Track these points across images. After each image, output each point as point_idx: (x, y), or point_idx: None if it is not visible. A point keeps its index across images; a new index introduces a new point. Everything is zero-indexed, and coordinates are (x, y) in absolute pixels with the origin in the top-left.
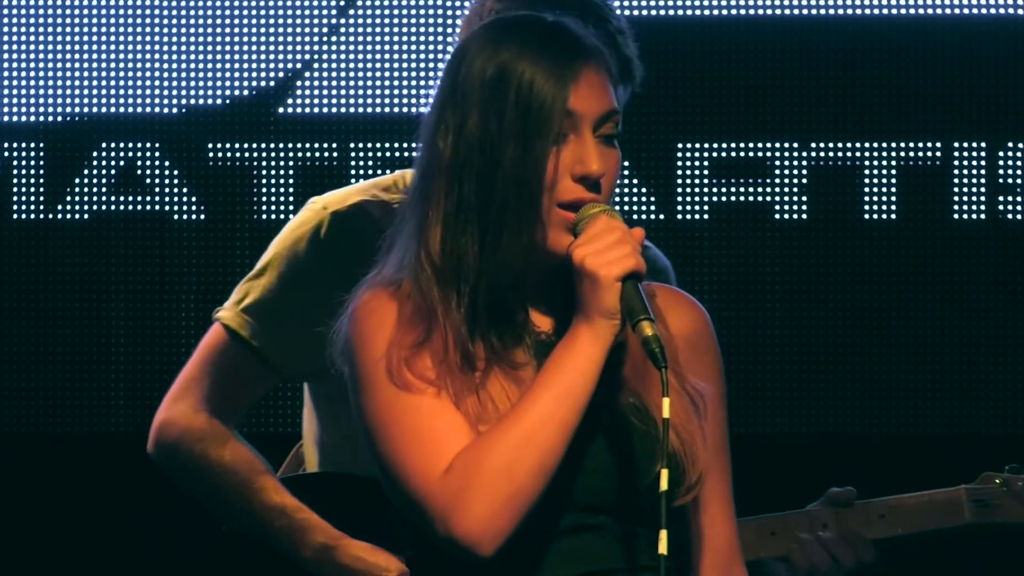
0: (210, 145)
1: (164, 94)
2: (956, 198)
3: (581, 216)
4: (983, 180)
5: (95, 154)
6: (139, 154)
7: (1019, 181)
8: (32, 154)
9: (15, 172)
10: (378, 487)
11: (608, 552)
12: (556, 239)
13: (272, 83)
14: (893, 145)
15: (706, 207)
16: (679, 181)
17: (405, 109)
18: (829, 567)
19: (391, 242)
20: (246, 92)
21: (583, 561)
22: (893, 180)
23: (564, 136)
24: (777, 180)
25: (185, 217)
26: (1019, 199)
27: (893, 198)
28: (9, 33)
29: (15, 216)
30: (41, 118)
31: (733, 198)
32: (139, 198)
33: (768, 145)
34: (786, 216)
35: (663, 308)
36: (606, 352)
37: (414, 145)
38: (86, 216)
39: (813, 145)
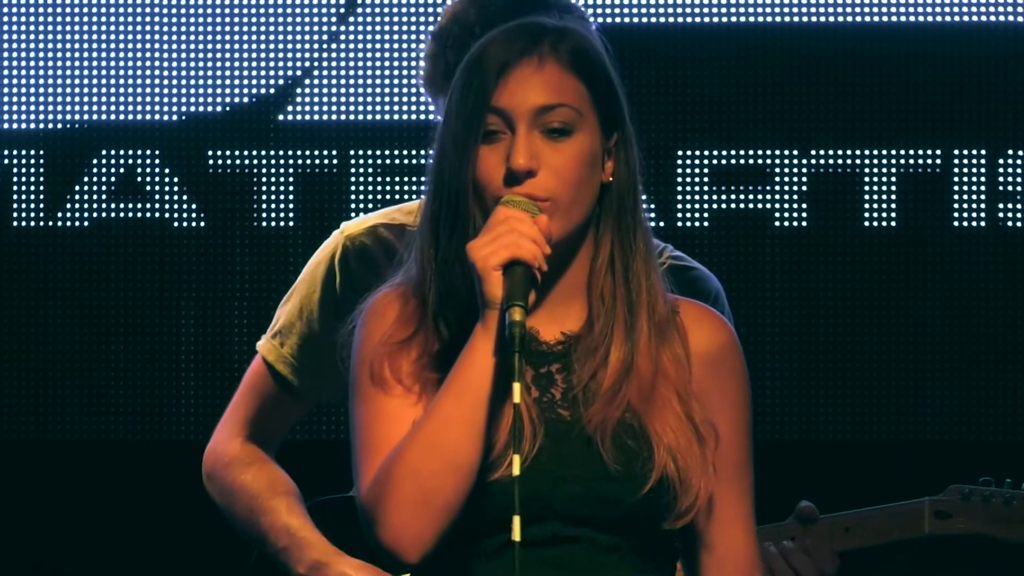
0: (210, 152)
1: (164, 101)
2: (956, 205)
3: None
4: (983, 187)
5: (95, 161)
6: (139, 161)
7: (1019, 188)
8: (32, 161)
9: (15, 179)
10: None
11: (588, 564)
12: None
13: (272, 90)
14: (893, 152)
15: (706, 215)
16: (679, 189)
17: (405, 116)
18: None
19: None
20: (246, 99)
21: (563, 572)
22: (893, 187)
23: (495, 134)
24: (777, 188)
25: (185, 224)
26: (1019, 206)
27: (893, 205)
28: (9, 40)
29: (15, 223)
30: (41, 125)
31: (733, 206)
32: (139, 205)
33: (768, 152)
34: (786, 224)
35: (685, 325)
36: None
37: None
38: (86, 223)
39: (813, 152)
